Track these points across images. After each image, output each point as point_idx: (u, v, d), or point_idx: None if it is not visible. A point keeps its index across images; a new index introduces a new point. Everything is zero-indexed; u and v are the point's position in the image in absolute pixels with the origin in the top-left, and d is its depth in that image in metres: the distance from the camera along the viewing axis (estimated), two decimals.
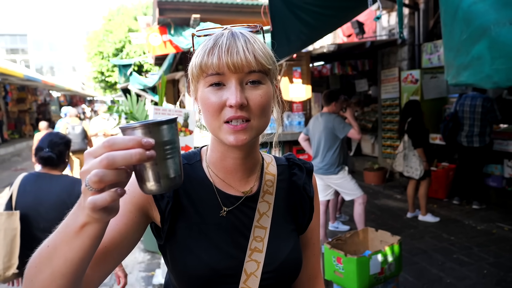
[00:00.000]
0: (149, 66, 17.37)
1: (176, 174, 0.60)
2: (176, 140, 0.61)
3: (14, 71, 13.14)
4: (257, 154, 0.91)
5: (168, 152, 0.59)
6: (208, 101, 0.77)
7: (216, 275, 0.81)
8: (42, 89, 21.18)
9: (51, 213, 2.16)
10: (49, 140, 2.34)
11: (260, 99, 0.77)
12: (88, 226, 0.58)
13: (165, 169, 0.59)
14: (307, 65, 6.57)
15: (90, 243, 0.60)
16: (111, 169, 0.53)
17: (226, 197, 0.87)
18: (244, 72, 0.75)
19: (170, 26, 6.22)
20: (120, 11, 22.92)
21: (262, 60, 0.76)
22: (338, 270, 2.85)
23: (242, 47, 0.74)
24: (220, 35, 0.78)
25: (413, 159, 4.99)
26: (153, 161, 0.57)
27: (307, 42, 4.02)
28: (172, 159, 0.59)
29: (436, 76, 6.82)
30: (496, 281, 3.49)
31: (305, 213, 0.96)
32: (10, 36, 48.50)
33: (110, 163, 0.53)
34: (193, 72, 0.81)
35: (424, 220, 5.12)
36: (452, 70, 1.37)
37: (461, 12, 1.23)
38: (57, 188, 2.25)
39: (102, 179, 0.53)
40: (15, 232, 2.12)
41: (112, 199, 0.54)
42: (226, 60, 0.73)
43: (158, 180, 0.59)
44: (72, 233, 0.59)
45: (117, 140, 0.54)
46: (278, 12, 3.04)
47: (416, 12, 7.04)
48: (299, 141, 4.63)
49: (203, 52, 0.77)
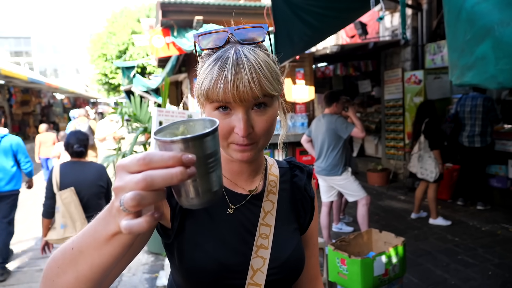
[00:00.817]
0: (152, 68, 17.41)
1: (218, 187, 0.56)
2: (218, 150, 0.55)
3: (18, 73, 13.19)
4: (261, 157, 0.96)
5: (210, 166, 0.53)
6: None
7: (224, 271, 0.83)
8: (46, 91, 21.27)
9: (89, 189, 3.04)
10: (76, 137, 3.13)
11: (266, 124, 0.81)
12: (120, 234, 0.56)
13: (206, 184, 0.54)
14: (310, 66, 6.58)
15: (121, 250, 0.58)
16: (149, 190, 0.50)
17: (233, 195, 0.90)
18: (250, 102, 0.77)
19: (173, 28, 6.24)
20: (123, 13, 22.99)
21: (268, 88, 0.77)
22: (342, 272, 2.84)
23: (248, 78, 0.74)
24: (224, 60, 0.76)
25: (429, 160, 4.88)
26: (193, 177, 0.52)
27: (310, 43, 4.02)
28: (214, 172, 0.54)
29: (440, 77, 6.80)
30: (501, 282, 3.47)
31: (307, 213, 1.00)
32: (14, 39, 48.79)
33: (148, 184, 0.49)
34: (198, 97, 0.82)
35: (435, 223, 5.02)
36: (456, 70, 1.37)
37: (464, 13, 1.23)
38: (90, 171, 3.11)
39: (140, 203, 0.49)
40: (78, 202, 2.97)
41: (149, 225, 0.51)
42: (232, 92, 0.74)
43: (198, 195, 0.54)
44: (102, 239, 0.57)
45: (155, 157, 0.50)
46: (281, 13, 3.04)
47: (419, 13, 7.02)
48: (302, 142, 4.63)
49: (208, 81, 0.76)
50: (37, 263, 4.52)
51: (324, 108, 4.35)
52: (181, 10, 6.02)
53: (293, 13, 3.08)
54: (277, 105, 0.85)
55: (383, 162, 8.08)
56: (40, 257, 4.69)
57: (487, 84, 1.21)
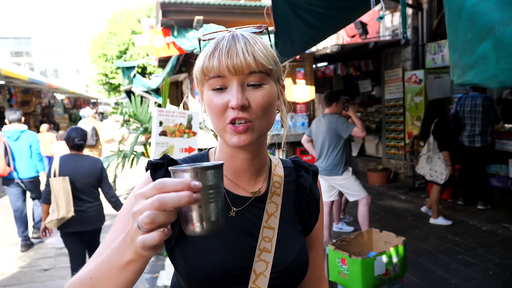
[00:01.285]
0: (152, 68, 17.42)
1: (219, 218, 0.63)
2: (220, 185, 0.63)
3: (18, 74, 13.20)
4: (264, 155, 0.93)
5: (211, 196, 0.61)
6: (212, 103, 0.79)
7: (226, 275, 0.82)
8: (46, 91, 21.27)
9: (84, 179, 3.33)
10: (77, 132, 3.41)
11: (262, 99, 0.78)
12: (133, 262, 0.63)
13: (208, 212, 0.61)
14: (310, 66, 6.57)
15: (134, 277, 0.66)
16: (162, 210, 0.57)
17: (235, 198, 0.88)
18: (245, 74, 0.76)
19: (173, 28, 6.23)
20: (123, 13, 22.99)
21: (262, 60, 0.77)
22: (343, 271, 2.84)
23: (242, 49, 0.76)
24: (221, 38, 0.79)
25: (438, 162, 4.77)
26: (198, 204, 0.60)
27: (310, 43, 4.02)
28: (215, 203, 0.62)
29: (440, 76, 6.80)
30: (502, 282, 3.47)
31: (312, 215, 0.97)
32: (15, 39, 48.82)
33: (161, 205, 0.56)
34: (197, 75, 0.83)
35: (436, 223, 4.99)
36: (457, 70, 1.37)
37: (465, 12, 1.23)
38: (86, 163, 3.39)
39: (154, 220, 0.56)
40: (68, 190, 3.21)
41: (160, 238, 0.57)
42: (226, 63, 0.75)
43: (201, 222, 0.61)
44: (117, 268, 0.64)
45: (168, 182, 0.58)
46: (281, 13, 3.04)
47: (420, 12, 7.02)
48: (302, 142, 4.63)
49: (204, 55, 0.79)
50: (38, 263, 4.52)
51: (325, 108, 4.35)
52: (181, 10, 6.01)
53: (294, 13, 3.08)
54: (275, 89, 0.83)
55: (383, 161, 8.07)
56: (41, 257, 4.70)
57: (489, 83, 1.21)
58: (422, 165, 5.01)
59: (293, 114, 6.31)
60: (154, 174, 0.88)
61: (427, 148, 4.94)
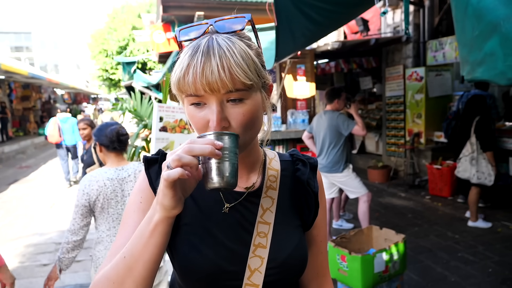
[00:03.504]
0: (152, 64, 17.38)
1: (234, 176, 0.72)
2: (236, 151, 0.72)
3: (18, 69, 13.18)
4: (257, 151, 0.91)
5: (227, 156, 0.71)
6: (193, 119, 0.78)
7: (220, 271, 0.81)
8: (46, 87, 21.27)
9: None
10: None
11: (242, 117, 0.76)
12: (160, 225, 0.70)
13: (226, 168, 0.71)
14: (311, 63, 6.55)
15: (162, 240, 0.72)
16: (189, 155, 0.67)
17: (229, 193, 0.87)
18: (222, 93, 0.73)
19: (174, 24, 6.23)
20: (124, 9, 22.93)
21: (240, 77, 0.72)
22: (343, 268, 2.84)
23: (217, 65, 0.70)
24: (196, 48, 0.73)
25: (483, 163, 4.47)
26: (218, 160, 0.70)
27: (312, 39, 3.99)
28: (230, 162, 0.71)
29: (441, 74, 6.78)
30: (501, 279, 3.47)
31: (310, 209, 0.94)
32: (15, 34, 48.70)
33: (189, 150, 0.67)
34: (173, 89, 0.79)
35: (475, 226, 4.77)
36: (467, 66, 1.36)
37: (470, 8, 1.22)
38: None
39: (180, 159, 0.66)
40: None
41: (181, 174, 0.65)
42: (201, 82, 0.71)
43: (220, 176, 0.70)
44: (147, 235, 0.71)
45: (198, 140, 0.69)
46: (283, 8, 3.02)
47: (421, 9, 7.00)
48: (303, 139, 4.62)
49: (179, 70, 0.74)
50: (38, 258, 4.53)
51: (326, 104, 4.34)
52: (182, 5, 6.00)
53: (296, 8, 3.05)
54: (259, 98, 0.79)
55: (383, 159, 8.07)
56: (41, 252, 4.70)
57: (497, 80, 1.20)
58: (465, 167, 4.64)
59: (293, 110, 6.30)
60: (148, 170, 0.88)
61: (470, 148, 4.58)
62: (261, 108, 0.81)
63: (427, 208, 5.69)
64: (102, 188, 2.15)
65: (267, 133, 0.91)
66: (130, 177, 2.25)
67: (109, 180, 2.19)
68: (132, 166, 2.30)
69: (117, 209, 2.21)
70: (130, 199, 0.88)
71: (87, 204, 2.14)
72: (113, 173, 2.22)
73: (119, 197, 2.21)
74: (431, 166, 6.22)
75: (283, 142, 6.03)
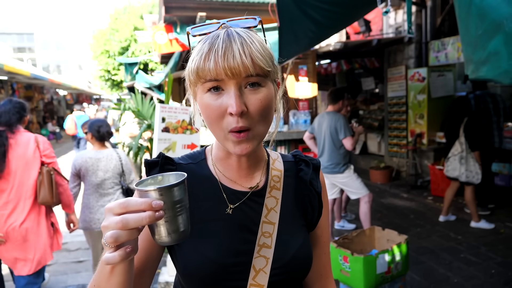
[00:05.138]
0: (154, 64, 17.39)
1: (185, 228, 0.67)
2: (184, 199, 0.66)
3: (21, 69, 13.21)
4: (260, 151, 0.92)
5: (177, 210, 0.65)
6: (208, 109, 0.76)
7: (224, 272, 0.81)
8: (49, 87, 21.31)
9: None
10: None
11: (260, 103, 0.76)
12: (116, 267, 0.67)
13: (174, 225, 0.65)
14: (313, 63, 6.55)
15: (124, 277, 0.69)
16: (125, 230, 0.61)
17: (233, 193, 0.87)
18: (242, 77, 0.73)
19: (176, 24, 6.22)
20: (126, 9, 22.94)
21: (260, 63, 0.74)
22: (345, 269, 2.84)
23: (239, 51, 0.72)
24: (215, 37, 0.75)
25: (471, 162, 4.58)
26: (164, 219, 0.64)
27: (315, 40, 3.99)
28: (181, 216, 0.66)
29: (444, 74, 6.77)
30: (504, 281, 3.46)
31: (314, 209, 0.94)
32: (17, 35, 48.85)
33: (124, 225, 0.61)
34: (190, 77, 0.79)
35: (478, 226, 4.78)
36: (471, 65, 1.35)
37: (474, 7, 1.22)
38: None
39: (117, 239, 0.61)
40: None
41: (121, 258, 0.63)
42: (223, 66, 0.72)
43: (168, 235, 0.65)
44: (107, 273, 0.68)
45: (131, 202, 0.63)
46: (286, 9, 3.01)
47: (423, 10, 6.99)
48: (304, 139, 4.61)
49: (199, 57, 0.75)
50: None
51: (328, 105, 4.33)
52: (184, 6, 5.99)
53: (299, 9, 3.04)
54: (273, 89, 0.80)
55: (385, 159, 8.06)
56: None
57: (502, 79, 1.20)
58: (454, 166, 4.74)
59: (295, 111, 6.29)
60: (149, 173, 0.87)
61: (459, 148, 4.68)
62: (274, 101, 0.82)
63: (429, 209, 5.68)
64: (84, 162, 3.16)
65: (273, 133, 0.91)
66: (103, 158, 3.20)
67: (90, 158, 3.17)
68: (107, 151, 3.24)
69: (92, 178, 3.16)
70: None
71: (74, 171, 3.17)
72: (93, 154, 3.20)
73: (95, 170, 3.16)
74: (433, 166, 6.21)
75: (285, 142, 6.02)
